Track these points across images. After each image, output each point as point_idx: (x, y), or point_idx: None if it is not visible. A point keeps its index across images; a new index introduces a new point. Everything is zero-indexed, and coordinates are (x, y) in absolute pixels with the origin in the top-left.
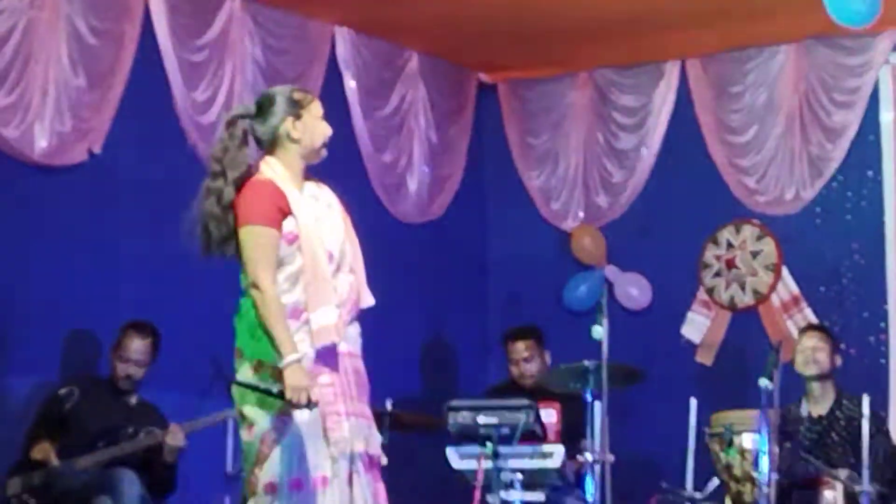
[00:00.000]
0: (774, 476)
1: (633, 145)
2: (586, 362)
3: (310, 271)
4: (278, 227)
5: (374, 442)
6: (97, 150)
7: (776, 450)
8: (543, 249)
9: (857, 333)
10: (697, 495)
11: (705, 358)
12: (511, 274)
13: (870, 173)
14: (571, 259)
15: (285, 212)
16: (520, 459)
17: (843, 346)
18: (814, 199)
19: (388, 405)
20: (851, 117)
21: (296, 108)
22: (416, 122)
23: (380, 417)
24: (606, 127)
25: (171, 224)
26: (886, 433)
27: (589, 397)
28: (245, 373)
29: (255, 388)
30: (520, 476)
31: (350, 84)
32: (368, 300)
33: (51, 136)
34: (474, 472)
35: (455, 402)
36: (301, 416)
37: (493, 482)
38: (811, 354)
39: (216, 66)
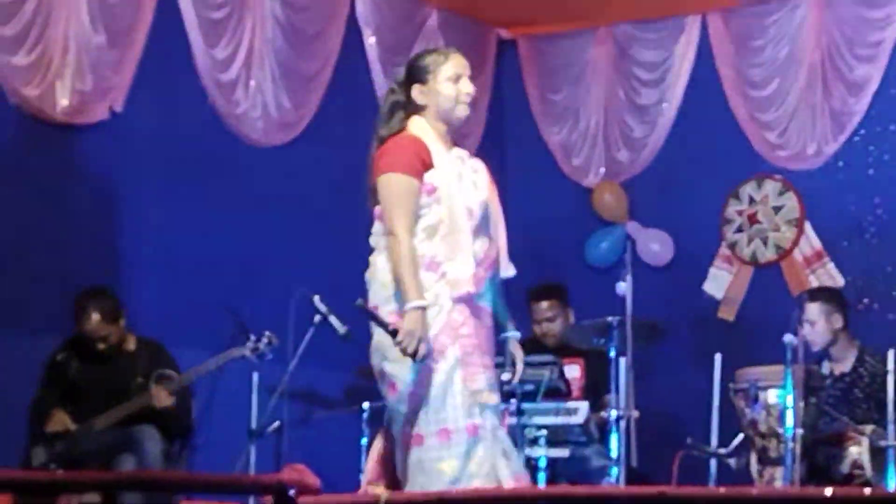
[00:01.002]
0: (799, 431)
1: (654, 100)
2: (610, 318)
3: (448, 223)
4: (419, 177)
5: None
6: (118, 108)
7: (801, 405)
8: (565, 206)
9: (880, 288)
10: (722, 451)
11: (727, 314)
12: (532, 231)
13: (892, 127)
14: (593, 215)
15: (427, 164)
16: (544, 416)
17: (865, 300)
18: (836, 153)
19: None
20: (873, 71)
21: (421, 74)
22: None
23: None
24: (627, 82)
25: (191, 180)
26: None
27: (613, 353)
28: (381, 330)
29: (373, 317)
30: (544, 432)
31: (370, 41)
32: (509, 271)
33: (72, 95)
34: None
35: None
36: (444, 364)
37: (517, 438)
38: (808, 335)
39: (236, 22)
